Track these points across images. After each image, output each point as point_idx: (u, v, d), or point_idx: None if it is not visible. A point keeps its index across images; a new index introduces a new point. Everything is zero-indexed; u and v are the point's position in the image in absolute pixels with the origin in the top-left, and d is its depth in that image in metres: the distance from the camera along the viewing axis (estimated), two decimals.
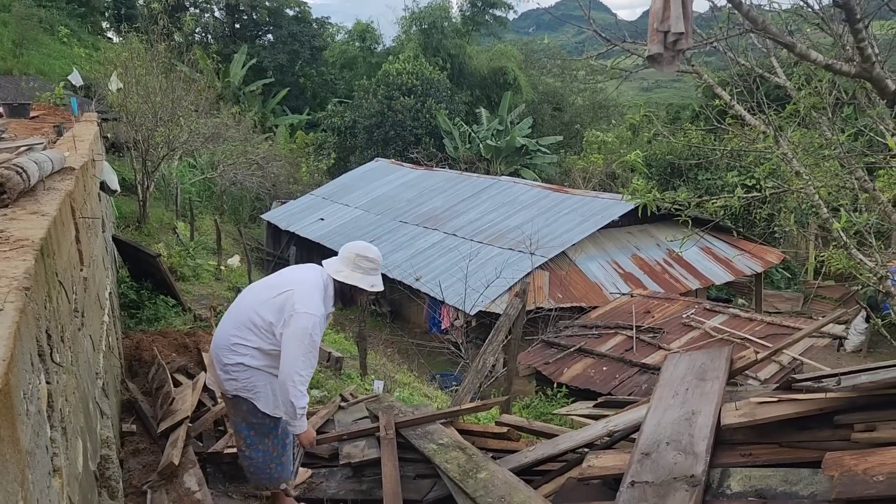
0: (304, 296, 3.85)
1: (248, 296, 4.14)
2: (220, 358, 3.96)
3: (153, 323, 7.83)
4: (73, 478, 2.47)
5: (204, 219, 19.00)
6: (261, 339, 3.89)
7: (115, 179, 8.20)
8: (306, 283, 3.96)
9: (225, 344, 3.95)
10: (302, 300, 3.82)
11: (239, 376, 3.93)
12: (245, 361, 3.91)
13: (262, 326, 3.87)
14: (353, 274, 4.00)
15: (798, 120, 5.17)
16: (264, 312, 3.87)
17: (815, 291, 18.52)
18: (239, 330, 3.92)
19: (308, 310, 3.79)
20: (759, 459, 3.19)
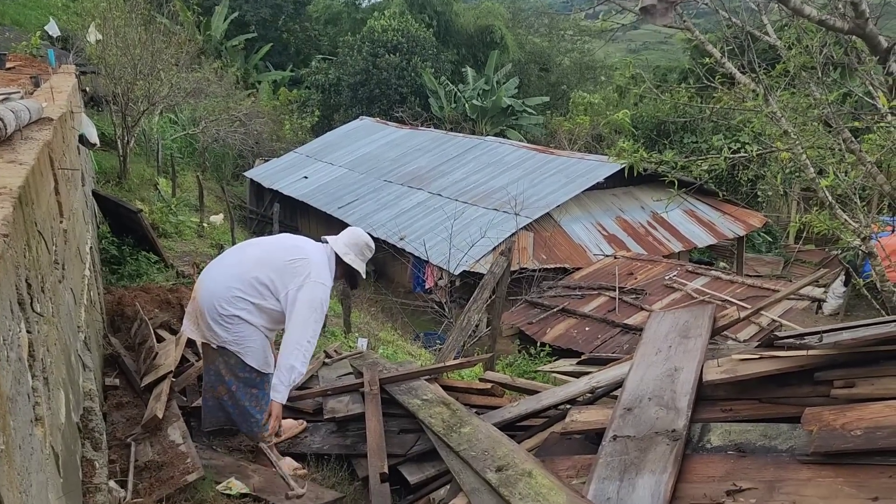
0: (320, 266, 4.03)
1: (254, 253, 4.15)
2: (214, 308, 3.99)
3: (135, 279, 7.76)
4: (55, 428, 2.45)
5: (186, 175, 18.74)
6: (262, 298, 3.97)
7: (94, 132, 8.04)
8: (319, 254, 4.14)
9: (224, 295, 3.98)
10: (318, 270, 3.99)
11: (232, 329, 3.99)
12: (242, 315, 3.98)
13: (266, 286, 3.95)
14: (356, 259, 4.26)
15: (787, 80, 5.15)
16: (276, 274, 3.96)
17: (796, 255, 18.72)
18: (242, 284, 3.97)
19: (323, 280, 3.99)
20: (740, 415, 3.24)
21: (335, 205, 17.95)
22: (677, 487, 2.92)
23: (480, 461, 3.52)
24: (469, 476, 3.52)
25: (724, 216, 16.60)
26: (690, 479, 2.96)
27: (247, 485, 3.90)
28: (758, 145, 6.64)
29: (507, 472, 3.34)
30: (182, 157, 20.29)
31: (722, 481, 2.87)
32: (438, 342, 10.30)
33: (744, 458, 2.96)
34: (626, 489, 2.99)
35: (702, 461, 3.04)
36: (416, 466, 4.11)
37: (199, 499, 3.62)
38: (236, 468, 4.14)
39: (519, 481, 3.23)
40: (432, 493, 3.91)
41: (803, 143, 4.89)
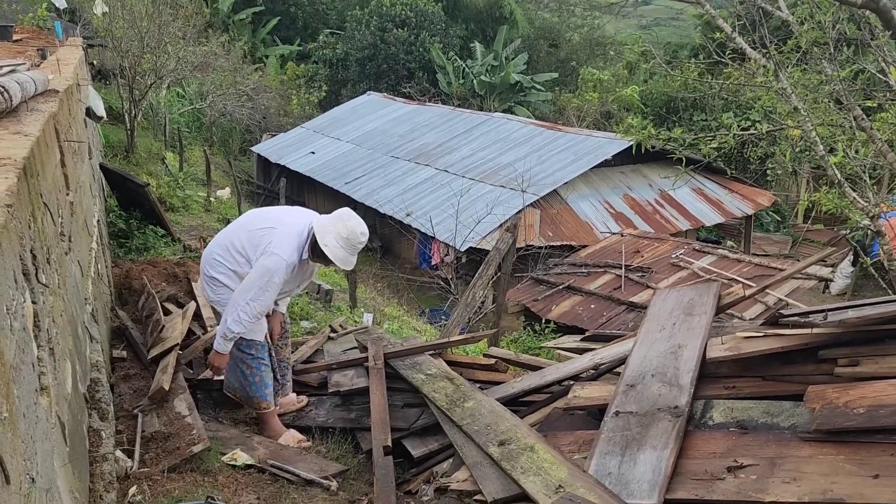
0: (281, 237, 4.02)
1: (241, 220, 4.42)
2: (204, 269, 4.28)
3: (142, 252, 7.79)
4: (61, 398, 2.48)
5: (193, 150, 18.74)
6: (236, 263, 4.13)
7: (101, 105, 8.03)
8: (290, 227, 4.10)
9: (209, 258, 4.24)
10: (278, 241, 4.00)
11: (216, 290, 4.22)
12: (220, 279, 4.18)
13: (239, 252, 4.10)
14: (332, 242, 4.03)
15: (799, 56, 5.08)
16: (244, 240, 4.11)
17: (804, 235, 18.62)
18: (222, 249, 4.17)
19: (279, 252, 3.98)
20: (743, 392, 3.25)
21: (342, 180, 17.92)
22: (678, 463, 2.94)
23: (483, 435, 3.55)
24: (472, 450, 3.55)
25: (733, 194, 16.50)
26: (692, 455, 2.98)
27: (252, 456, 3.95)
28: (768, 123, 6.57)
29: (510, 447, 3.36)
30: (189, 131, 20.27)
31: (723, 457, 2.88)
32: (444, 318, 10.33)
33: (745, 434, 2.97)
34: (627, 464, 3.01)
35: (703, 437, 3.05)
36: (420, 440, 4.14)
37: (204, 469, 3.67)
38: (242, 440, 4.18)
39: (521, 455, 3.26)
40: (435, 466, 3.94)
41: (813, 120, 4.83)
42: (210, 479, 3.59)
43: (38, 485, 1.72)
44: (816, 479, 2.58)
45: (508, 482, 3.17)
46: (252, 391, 4.27)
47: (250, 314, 3.99)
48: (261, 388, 4.26)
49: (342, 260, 4.07)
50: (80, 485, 2.49)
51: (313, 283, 8.02)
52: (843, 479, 2.53)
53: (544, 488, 2.97)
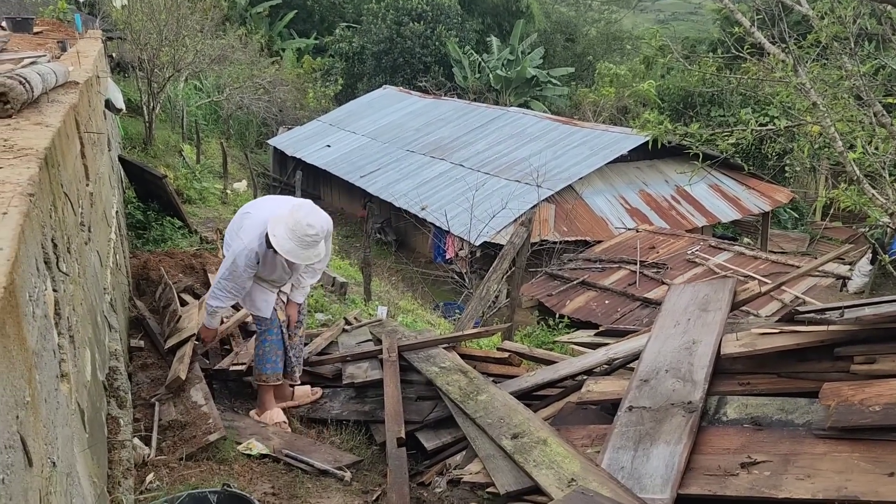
0: (250, 224, 4.20)
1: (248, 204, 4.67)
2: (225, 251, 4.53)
3: (160, 244, 7.87)
4: (81, 385, 2.52)
5: (210, 142, 18.83)
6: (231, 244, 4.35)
7: (120, 98, 8.10)
8: (261, 214, 4.22)
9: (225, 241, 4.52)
10: (246, 228, 4.20)
11: None
12: None
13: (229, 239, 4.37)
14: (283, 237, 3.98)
15: (818, 51, 5.02)
16: (231, 226, 4.41)
17: (822, 232, 18.44)
18: (229, 234, 4.43)
19: (243, 238, 4.16)
20: (757, 388, 3.24)
21: (357, 174, 17.96)
22: (692, 458, 2.93)
23: (496, 428, 3.56)
24: (485, 443, 3.56)
25: (750, 191, 16.36)
26: (705, 450, 2.97)
27: (267, 446, 3.98)
28: (787, 119, 6.51)
29: (523, 440, 3.37)
30: (206, 123, 20.38)
31: (737, 453, 2.87)
32: (458, 312, 10.34)
33: (759, 431, 2.96)
34: (640, 459, 3.01)
35: (717, 433, 3.05)
36: (433, 433, 4.17)
37: (220, 458, 3.71)
38: (257, 429, 4.22)
39: (534, 449, 3.27)
40: (448, 458, 3.96)
41: (833, 116, 4.78)
42: (226, 467, 3.63)
43: (59, 469, 1.75)
44: (831, 477, 2.57)
45: (521, 475, 3.18)
46: (255, 362, 4.50)
47: (223, 291, 4.21)
48: (261, 361, 4.45)
49: (289, 252, 3.98)
50: (98, 471, 2.53)
51: (328, 275, 8.06)
52: (857, 477, 2.52)
53: (557, 481, 2.97)
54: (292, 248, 3.97)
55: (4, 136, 2.63)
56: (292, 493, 3.55)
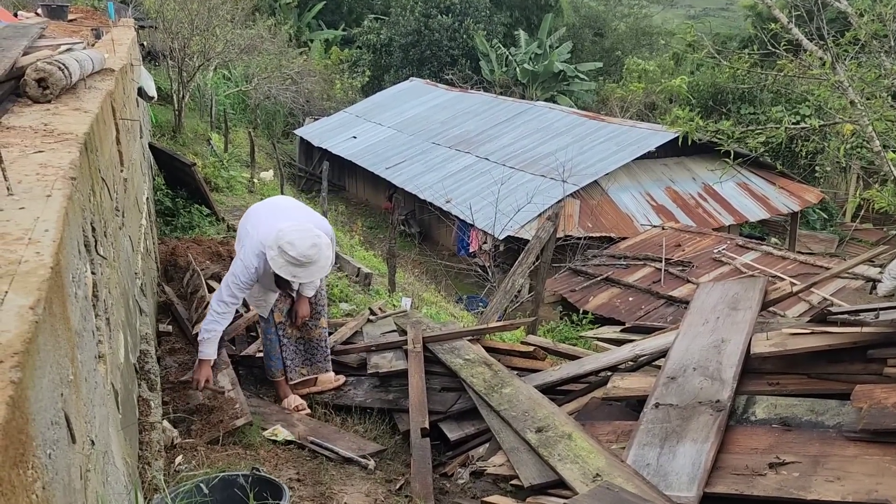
0: (250, 246, 4.19)
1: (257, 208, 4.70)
2: None
3: (188, 231, 7.96)
4: (115, 367, 2.56)
5: (238, 131, 18.99)
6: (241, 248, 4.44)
7: (152, 86, 8.20)
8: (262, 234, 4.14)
9: None
10: (248, 247, 4.20)
11: None
12: None
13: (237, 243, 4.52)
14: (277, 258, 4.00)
15: (857, 48, 4.94)
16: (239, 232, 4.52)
17: (852, 234, 18.14)
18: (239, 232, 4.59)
19: (241, 257, 4.23)
20: (787, 389, 3.21)
21: (382, 165, 18.01)
22: (718, 457, 2.92)
23: (521, 421, 3.56)
24: (509, 435, 3.57)
25: (779, 190, 16.14)
26: (733, 449, 2.95)
27: (292, 433, 4.02)
28: (819, 118, 6.42)
29: (547, 434, 3.37)
30: (234, 113, 20.54)
31: (765, 453, 2.85)
32: (481, 305, 10.34)
33: (789, 431, 2.94)
34: (666, 456, 3.00)
35: (745, 433, 3.02)
36: (457, 424, 4.18)
37: (246, 443, 3.76)
38: (282, 416, 4.27)
39: (558, 443, 3.27)
40: (471, 450, 3.97)
41: (870, 115, 4.70)
42: (252, 452, 3.68)
43: (97, 447, 1.79)
44: (861, 479, 2.54)
45: (545, 468, 3.18)
46: (265, 360, 4.66)
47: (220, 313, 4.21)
48: (266, 357, 4.63)
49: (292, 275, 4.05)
50: (130, 451, 2.57)
51: (353, 265, 8.10)
52: (889, 480, 2.49)
53: (581, 476, 2.97)
54: (292, 270, 4.02)
55: (45, 121, 2.68)
56: (317, 479, 3.58)
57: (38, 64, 3.01)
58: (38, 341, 1.19)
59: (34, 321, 1.18)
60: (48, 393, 1.26)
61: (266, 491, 2.55)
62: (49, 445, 1.22)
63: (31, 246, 1.46)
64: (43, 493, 1.13)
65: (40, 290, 1.28)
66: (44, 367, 1.25)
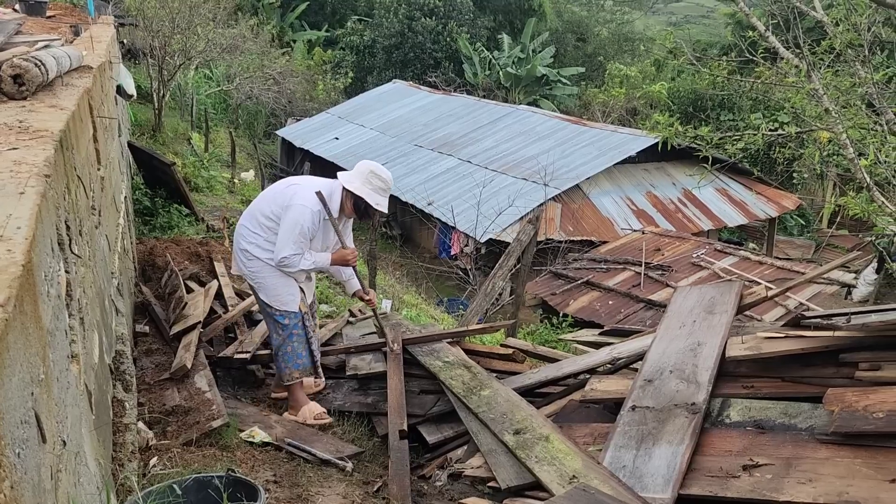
0: (305, 190, 4.16)
1: (264, 192, 4.55)
2: (237, 241, 4.36)
3: (166, 231, 7.89)
4: (89, 367, 2.54)
5: (219, 131, 18.85)
6: (263, 228, 4.22)
7: (131, 84, 8.11)
8: (313, 183, 4.26)
9: (240, 231, 4.34)
10: (301, 193, 4.14)
11: (247, 263, 4.29)
12: (251, 250, 4.25)
13: (268, 217, 4.19)
14: (362, 187, 4.20)
15: (832, 57, 5.02)
16: (269, 205, 4.22)
17: (828, 240, 18.39)
18: (250, 221, 4.28)
19: (304, 202, 4.10)
20: (761, 392, 3.24)
21: None
22: (694, 459, 2.94)
23: (499, 424, 3.57)
24: (487, 438, 3.58)
25: (757, 196, 16.33)
26: (707, 451, 2.98)
27: (269, 434, 4.00)
28: (797, 125, 6.52)
29: (525, 436, 3.38)
30: (215, 112, 20.39)
31: (739, 456, 2.88)
32: (461, 308, 10.35)
33: (762, 434, 2.97)
34: (642, 458, 3.02)
35: (720, 435, 3.05)
36: (435, 426, 4.18)
37: (223, 444, 3.73)
38: (259, 417, 4.24)
39: (536, 445, 3.28)
40: (449, 452, 3.98)
41: (844, 123, 4.78)
42: (228, 454, 3.65)
43: (69, 448, 1.77)
44: (832, 482, 2.57)
45: (523, 470, 3.19)
46: (283, 362, 4.34)
47: (298, 258, 4.12)
48: (291, 359, 4.32)
49: (374, 200, 4.21)
50: (104, 452, 2.55)
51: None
52: (859, 483, 2.52)
53: (558, 478, 2.99)
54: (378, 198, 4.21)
55: (20, 118, 2.65)
56: (294, 481, 3.56)
57: (13, 60, 2.97)
58: (7, 339, 1.18)
59: (4, 319, 1.17)
60: (17, 392, 1.25)
61: (241, 492, 2.53)
62: (18, 444, 1.21)
63: (2, 243, 1.44)
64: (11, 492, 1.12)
65: (11, 288, 1.27)
66: (13, 365, 1.23)
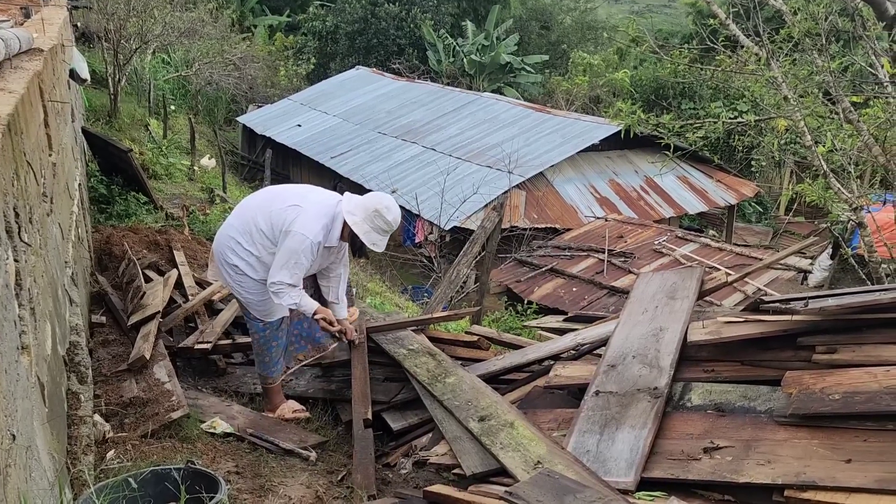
0: (307, 217, 3.84)
1: (257, 199, 4.15)
2: (222, 254, 4.05)
3: (124, 219, 7.71)
4: (41, 358, 2.46)
5: (178, 118, 18.46)
6: (257, 246, 3.93)
7: (85, 68, 7.90)
8: (316, 205, 3.93)
9: (227, 243, 4.01)
10: (303, 220, 3.82)
11: (233, 277, 4.03)
12: (239, 265, 3.98)
13: (262, 233, 3.90)
14: (362, 224, 3.90)
15: (791, 46, 5.10)
16: (265, 221, 3.90)
17: (785, 227, 18.79)
18: (239, 233, 3.97)
19: (304, 231, 3.81)
20: (721, 375, 3.29)
21: (328, 154, 17.79)
22: (656, 443, 2.97)
23: (464, 411, 3.57)
24: (452, 425, 3.57)
25: (717, 184, 16.60)
26: (669, 435, 3.01)
27: (231, 425, 3.94)
28: (756, 114, 6.63)
29: (490, 423, 3.38)
30: (174, 98, 19.96)
31: (700, 439, 2.92)
32: (426, 296, 10.33)
33: (722, 417, 3.01)
34: (605, 443, 3.04)
35: (681, 419, 3.09)
36: (400, 414, 4.16)
37: (183, 436, 3.66)
38: (221, 408, 4.18)
39: (501, 431, 3.28)
40: (414, 440, 3.96)
41: (802, 110, 4.87)
42: (189, 445, 3.59)
43: (19, 442, 1.71)
44: (790, 462, 2.62)
45: (487, 457, 3.19)
46: (261, 368, 4.24)
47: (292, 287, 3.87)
48: (269, 367, 4.21)
49: (370, 240, 3.93)
50: (58, 446, 2.47)
51: None
52: (816, 463, 2.57)
53: (523, 464, 2.99)
54: (376, 238, 3.93)
55: None
56: (256, 472, 3.52)
57: None
58: None
59: None
60: None
61: (201, 484, 2.49)
62: None
63: None
64: None
65: None
66: None
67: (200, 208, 9.08)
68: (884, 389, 2.65)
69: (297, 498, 3.30)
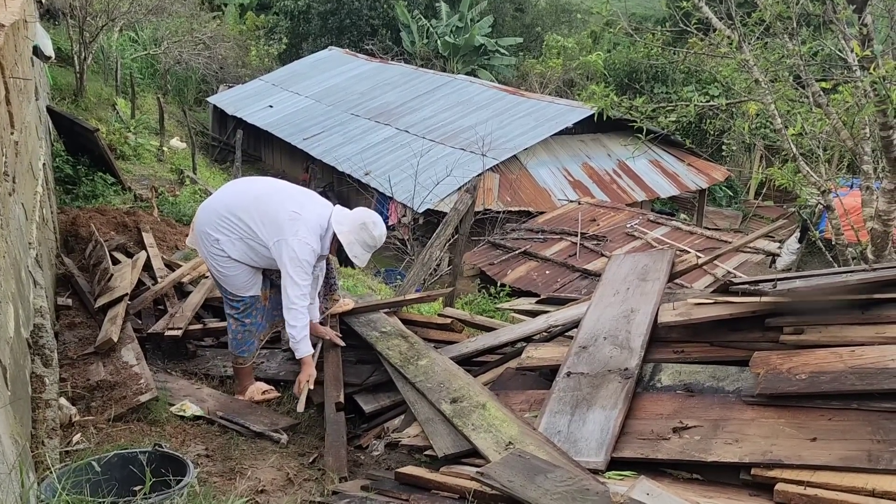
0: (308, 228, 3.92)
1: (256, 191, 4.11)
2: (204, 225, 4.01)
3: (90, 200, 7.57)
4: (3, 341, 2.40)
5: (146, 97, 18.13)
6: (244, 231, 3.94)
7: (49, 45, 7.71)
8: (315, 215, 4.01)
9: (212, 217, 3.99)
10: (306, 229, 3.91)
11: (210, 249, 4.00)
12: (220, 240, 3.96)
13: (254, 229, 3.92)
14: (348, 235, 4.01)
15: (762, 30, 5.12)
16: (261, 215, 3.92)
17: (755, 211, 19.05)
18: (230, 212, 3.96)
19: (308, 241, 3.89)
20: (691, 356, 3.32)
21: (300, 136, 17.60)
22: (626, 423, 3.00)
23: (436, 393, 3.56)
24: (424, 407, 3.57)
25: (689, 168, 16.75)
26: (640, 415, 3.04)
27: (201, 408, 3.90)
28: (727, 98, 6.68)
29: (462, 404, 3.39)
30: (142, 77, 19.60)
31: (669, 419, 2.95)
32: (399, 278, 10.31)
33: (692, 397, 3.05)
34: (576, 423, 3.06)
35: (651, 399, 3.12)
36: (372, 396, 4.15)
37: (152, 419, 3.62)
38: (191, 391, 4.13)
39: (473, 413, 3.29)
40: (387, 422, 3.96)
41: (773, 94, 4.90)
42: (157, 428, 3.55)
43: None
44: (757, 441, 2.66)
45: (459, 438, 3.20)
46: (233, 346, 4.22)
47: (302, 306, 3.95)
48: (240, 345, 4.18)
49: (352, 252, 4.04)
50: (21, 430, 2.42)
51: None
52: (782, 442, 2.62)
53: (494, 445, 3.00)
54: (360, 251, 4.05)
55: None
56: (226, 455, 3.49)
57: None
58: None
59: None
60: None
61: (169, 468, 2.45)
62: None
63: None
64: None
65: None
66: None
67: (170, 189, 8.95)
68: (849, 369, 2.70)
69: (268, 480, 3.28)
